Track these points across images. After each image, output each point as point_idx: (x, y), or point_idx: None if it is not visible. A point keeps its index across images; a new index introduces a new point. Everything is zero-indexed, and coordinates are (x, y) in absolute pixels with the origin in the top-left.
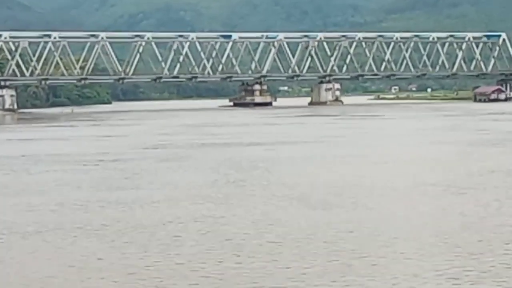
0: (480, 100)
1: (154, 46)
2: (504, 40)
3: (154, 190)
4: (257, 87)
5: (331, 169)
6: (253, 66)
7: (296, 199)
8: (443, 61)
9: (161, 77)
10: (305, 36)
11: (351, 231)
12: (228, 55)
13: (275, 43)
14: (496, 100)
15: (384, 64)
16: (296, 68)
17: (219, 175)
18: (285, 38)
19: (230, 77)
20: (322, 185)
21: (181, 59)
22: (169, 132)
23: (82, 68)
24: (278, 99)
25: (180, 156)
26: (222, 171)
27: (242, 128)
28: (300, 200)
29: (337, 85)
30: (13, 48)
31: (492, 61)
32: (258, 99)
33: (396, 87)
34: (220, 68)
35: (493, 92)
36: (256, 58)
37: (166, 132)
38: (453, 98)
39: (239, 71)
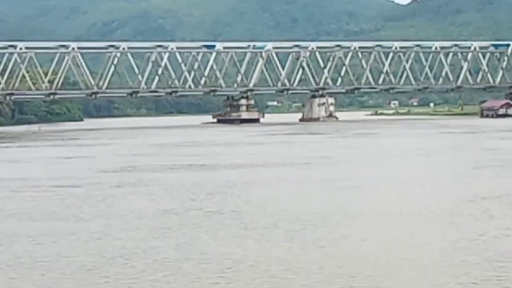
0: (487, 116)
1: (130, 57)
2: None
3: (97, 220)
4: (243, 102)
5: (311, 195)
6: (239, 79)
7: (262, 231)
8: (446, 73)
9: (137, 92)
10: (296, 46)
11: (322, 272)
12: (212, 67)
13: (263, 54)
14: (505, 115)
15: (382, 76)
16: (286, 81)
17: (180, 202)
18: (274, 48)
19: (214, 91)
20: (298, 214)
21: (159, 71)
22: (141, 153)
23: (50, 82)
24: (266, 115)
25: (145, 181)
26: (186, 197)
27: (224, 148)
28: (267, 233)
29: (331, 100)
30: None
31: (501, 72)
32: (244, 115)
33: (396, 102)
34: (202, 81)
35: (501, 106)
36: (242, 70)
37: (138, 153)
38: (457, 114)
39: (223, 85)
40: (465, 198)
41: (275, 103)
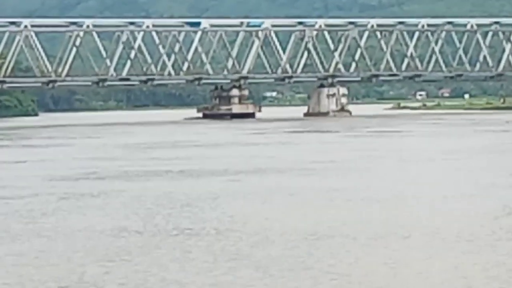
0: None
1: (96, 38)
2: None
3: (34, 241)
4: (235, 92)
5: (311, 209)
6: (229, 64)
7: (240, 258)
8: (485, 57)
9: (105, 80)
10: (300, 23)
11: None
12: (196, 50)
13: (259, 34)
14: None
15: (406, 61)
16: (287, 67)
17: (144, 219)
18: (273, 26)
19: (199, 79)
20: (289, 234)
21: (132, 54)
22: (105, 156)
23: None
24: (263, 109)
25: (106, 191)
26: (154, 212)
27: (209, 149)
28: (245, 259)
29: (343, 90)
30: None
31: None
32: (236, 108)
33: (423, 93)
34: (185, 67)
35: None
36: (234, 54)
37: (101, 156)
38: (499, 108)
39: (210, 71)
40: (506, 216)
41: (274, 94)
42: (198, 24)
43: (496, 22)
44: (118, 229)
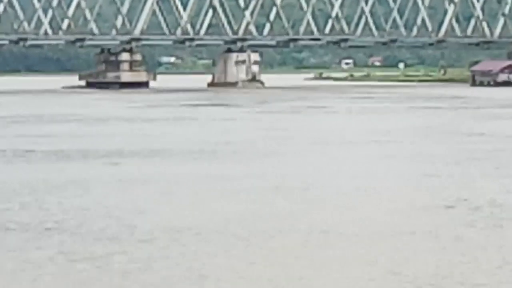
0: (481, 83)
1: None
2: None
3: None
4: (125, 57)
5: (186, 202)
6: (118, 22)
7: (81, 259)
8: (423, 20)
9: None
10: None
11: None
12: (79, 5)
13: None
14: (507, 83)
15: (330, 22)
16: (188, 27)
17: None
18: None
19: (82, 40)
20: (148, 233)
21: (0, 9)
22: None
23: None
24: (159, 77)
25: None
26: None
27: (89, 126)
28: (91, 265)
29: (254, 56)
30: None
31: (501, 21)
32: (126, 76)
33: (350, 61)
34: (65, 25)
35: (502, 70)
36: (124, 10)
37: None
38: (438, 80)
39: (96, 31)
40: (436, 212)
41: (172, 59)
42: None
43: None
44: None
